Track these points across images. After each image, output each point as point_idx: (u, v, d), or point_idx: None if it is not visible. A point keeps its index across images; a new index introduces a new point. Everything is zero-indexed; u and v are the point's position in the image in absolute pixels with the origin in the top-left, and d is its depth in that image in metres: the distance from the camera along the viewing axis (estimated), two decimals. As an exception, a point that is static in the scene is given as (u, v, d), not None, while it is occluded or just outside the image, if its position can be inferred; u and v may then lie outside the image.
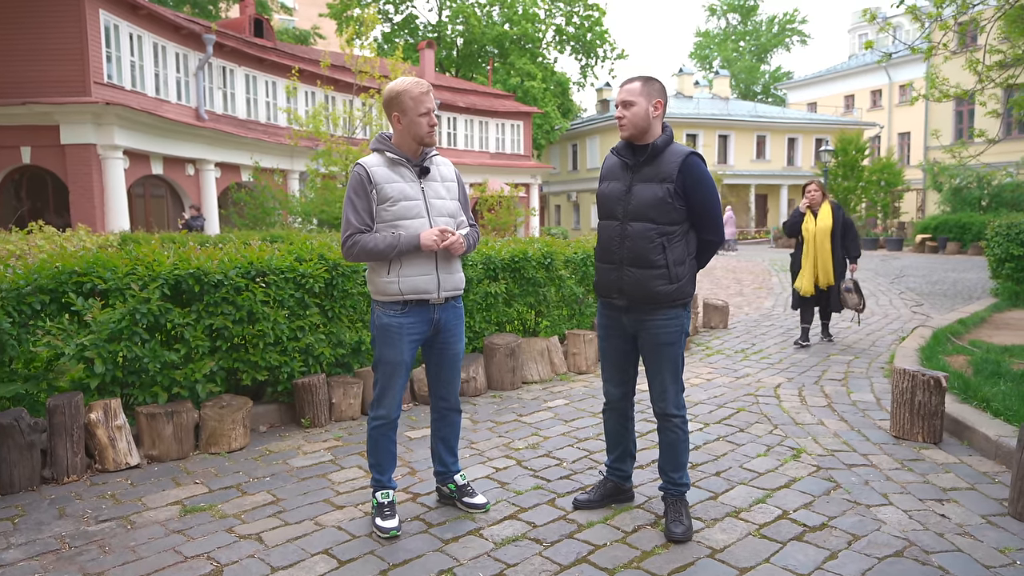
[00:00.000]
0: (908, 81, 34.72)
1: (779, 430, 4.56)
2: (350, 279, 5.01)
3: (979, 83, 9.85)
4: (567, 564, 2.86)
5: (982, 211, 23.20)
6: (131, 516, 3.34)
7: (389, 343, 3.14)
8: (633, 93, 3.02)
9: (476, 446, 4.31)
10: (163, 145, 17.14)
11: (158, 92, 17.74)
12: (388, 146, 3.18)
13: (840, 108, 40.22)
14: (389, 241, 3.03)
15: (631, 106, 3.01)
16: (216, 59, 19.76)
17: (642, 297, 3.03)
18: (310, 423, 4.70)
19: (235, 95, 20.81)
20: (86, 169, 15.11)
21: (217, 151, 19.08)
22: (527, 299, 6.29)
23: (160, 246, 4.85)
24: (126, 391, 4.21)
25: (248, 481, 3.78)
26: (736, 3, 57.44)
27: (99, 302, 4.12)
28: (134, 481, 3.78)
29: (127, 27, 16.47)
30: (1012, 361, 5.83)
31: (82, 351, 3.97)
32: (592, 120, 37.53)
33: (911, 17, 9.25)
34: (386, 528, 3.09)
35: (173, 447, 4.11)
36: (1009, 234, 9.86)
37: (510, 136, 32.06)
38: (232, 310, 4.42)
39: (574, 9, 38.63)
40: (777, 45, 57.39)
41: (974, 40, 9.45)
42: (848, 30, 53.38)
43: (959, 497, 3.47)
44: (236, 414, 4.28)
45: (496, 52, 37.82)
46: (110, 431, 3.91)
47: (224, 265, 4.43)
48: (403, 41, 34.67)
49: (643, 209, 3.00)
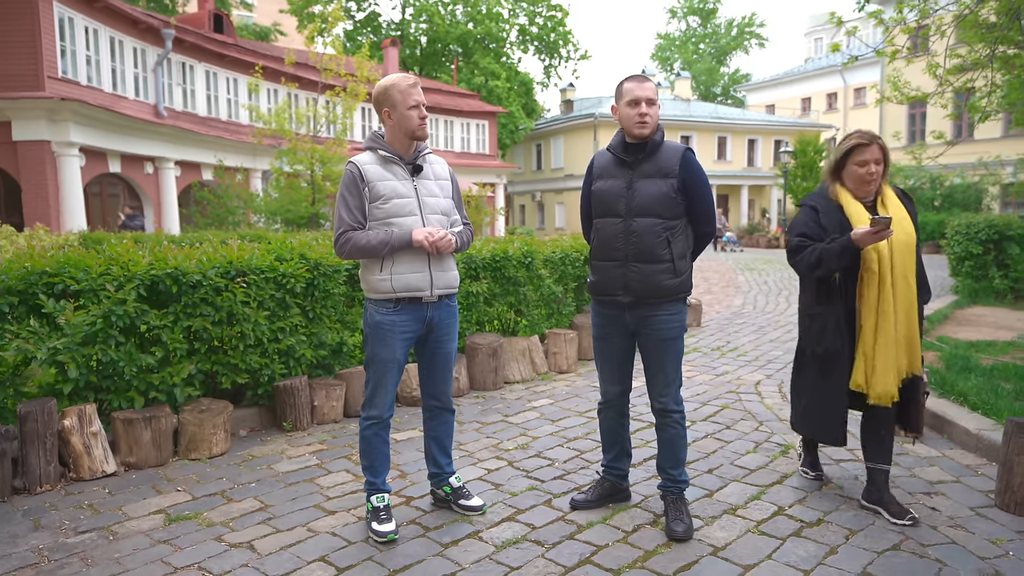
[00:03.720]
0: (862, 85, 35.74)
1: (764, 427, 4.59)
2: (331, 279, 4.90)
3: (940, 87, 10.11)
4: (571, 566, 2.82)
5: (935, 211, 23.93)
6: (112, 526, 3.21)
7: (382, 341, 3.08)
8: (655, 92, 3.04)
9: (465, 447, 4.25)
10: (120, 142, 16.66)
11: (115, 88, 17.24)
12: (381, 144, 3.12)
13: (797, 110, 41.09)
14: (381, 238, 2.98)
15: (653, 104, 3.02)
16: (175, 55, 19.29)
17: (648, 292, 3.02)
18: (292, 426, 4.59)
19: (195, 92, 20.34)
20: (40, 167, 14.60)
21: (177, 149, 18.61)
22: (508, 298, 6.24)
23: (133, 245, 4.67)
24: (101, 396, 4.05)
25: (233, 487, 3.66)
26: (696, 6, 58.21)
27: (72, 304, 3.95)
28: (112, 490, 3.63)
29: (82, 20, 15.96)
30: (979, 356, 5.99)
31: (54, 355, 3.81)
32: (556, 120, 37.63)
33: (875, 22, 9.47)
34: (383, 532, 3.02)
35: (151, 454, 3.96)
36: (968, 233, 10.16)
37: (475, 136, 31.98)
38: (211, 311, 4.28)
39: (537, 9, 38.70)
40: (736, 48, 58.30)
41: (927, 46, 9.70)
42: (804, 34, 54.67)
43: (946, 490, 3.53)
44: (216, 418, 4.15)
45: (460, 51, 37.69)
46: (85, 438, 3.75)
47: (203, 265, 4.29)
48: (366, 39, 34.31)
49: (649, 205, 3.00)
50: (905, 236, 3.11)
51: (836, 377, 3.22)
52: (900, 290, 3.09)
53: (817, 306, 3.28)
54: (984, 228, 9.99)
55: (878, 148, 3.12)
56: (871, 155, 3.11)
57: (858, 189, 3.19)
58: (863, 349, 3.14)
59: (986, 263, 10.06)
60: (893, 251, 3.08)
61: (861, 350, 3.15)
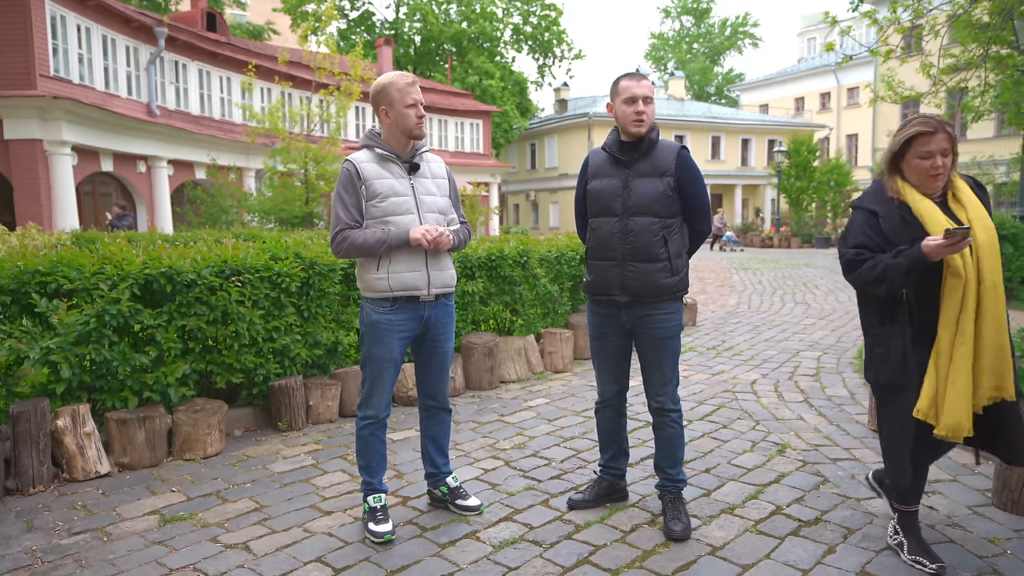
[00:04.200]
0: (855, 84, 35.84)
1: (761, 426, 4.59)
2: (327, 278, 4.88)
3: (934, 86, 10.15)
4: (569, 566, 2.81)
5: (928, 211, 24.02)
6: (106, 527, 3.18)
7: (378, 340, 3.06)
8: (651, 90, 3.03)
9: (461, 447, 4.23)
10: (113, 141, 16.56)
11: (107, 86, 17.13)
12: (377, 142, 3.10)
13: (791, 110, 41.16)
14: (378, 236, 2.96)
15: (650, 102, 3.01)
16: (168, 53, 19.18)
17: (646, 291, 3.01)
18: (287, 426, 4.56)
19: (188, 90, 20.23)
20: (31, 165, 14.50)
21: (170, 148, 18.51)
22: (503, 298, 6.23)
23: (127, 244, 4.63)
24: (94, 396, 4.01)
25: (228, 488, 3.64)
26: (690, 6, 58.28)
27: (65, 303, 3.91)
28: (106, 490, 3.60)
29: (75, 18, 15.86)
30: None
31: (47, 355, 3.77)
32: (551, 120, 37.62)
33: (868, 22, 9.49)
34: (380, 533, 3.00)
35: (145, 454, 3.93)
36: (962, 232, 10.18)
37: (469, 135, 31.94)
38: (206, 310, 4.25)
39: (531, 8, 38.68)
40: (730, 47, 58.38)
41: (921, 46, 9.73)
42: (797, 34, 54.74)
43: (943, 489, 3.54)
44: (211, 418, 4.12)
45: (454, 50, 37.62)
46: (78, 438, 3.72)
47: (197, 264, 4.26)
48: (360, 38, 34.21)
49: (646, 203, 2.99)
50: (988, 237, 2.57)
51: (902, 416, 2.68)
52: (988, 301, 2.53)
53: (880, 326, 2.77)
54: (977, 227, 10.02)
55: (945, 136, 2.59)
56: (937, 145, 2.59)
57: (923, 185, 2.66)
58: (935, 368, 2.59)
59: (979, 262, 10.09)
60: (978, 256, 2.53)
61: (933, 368, 2.60)
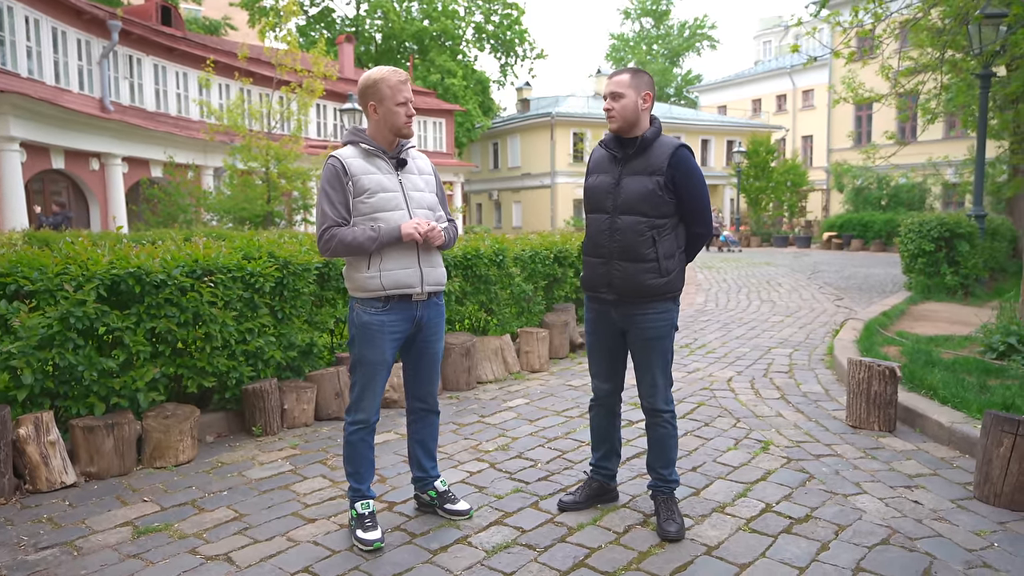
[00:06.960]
0: (810, 87, 36.60)
1: (742, 423, 4.61)
2: (301, 278, 4.74)
3: (893, 88, 10.38)
4: (565, 570, 2.75)
5: (882, 210, 24.70)
6: (76, 541, 3.01)
7: (370, 342, 2.96)
8: (622, 85, 2.97)
9: (443, 449, 4.14)
10: (64, 137, 15.99)
11: (58, 80, 16.54)
12: (363, 137, 3.00)
13: (748, 111, 41.86)
14: (369, 234, 2.86)
15: (620, 98, 2.96)
16: (122, 47, 18.61)
17: (632, 291, 2.97)
18: (261, 431, 4.42)
19: (143, 86, 19.67)
20: (-23, 162, 13.91)
21: (124, 144, 17.95)
22: (479, 297, 6.15)
23: (91, 243, 4.42)
24: (58, 402, 3.82)
25: (204, 496, 3.49)
26: (649, 7, 58.86)
27: (26, 305, 3.72)
28: (73, 502, 3.42)
29: (22, 9, 15.26)
30: (940, 350, 6.14)
31: (8, 359, 3.57)
32: (513, 119, 37.57)
33: (831, 25, 9.66)
34: (369, 540, 2.91)
35: (114, 462, 3.75)
36: (921, 231, 10.45)
37: (432, 134, 31.75)
38: (176, 312, 4.08)
39: (493, 7, 38.62)
40: (688, 49, 59.14)
41: (880, 48, 9.94)
42: (754, 37, 55.71)
43: (925, 483, 3.58)
44: (183, 424, 3.96)
45: (416, 48, 37.33)
46: (42, 447, 3.53)
47: (167, 264, 4.09)
48: (320, 35, 33.69)
49: (633, 202, 2.94)
50: None
51: None
52: None
53: None
54: (936, 226, 10.29)
55: None
56: None
57: None
58: None
59: (938, 260, 10.36)
60: None
61: None
